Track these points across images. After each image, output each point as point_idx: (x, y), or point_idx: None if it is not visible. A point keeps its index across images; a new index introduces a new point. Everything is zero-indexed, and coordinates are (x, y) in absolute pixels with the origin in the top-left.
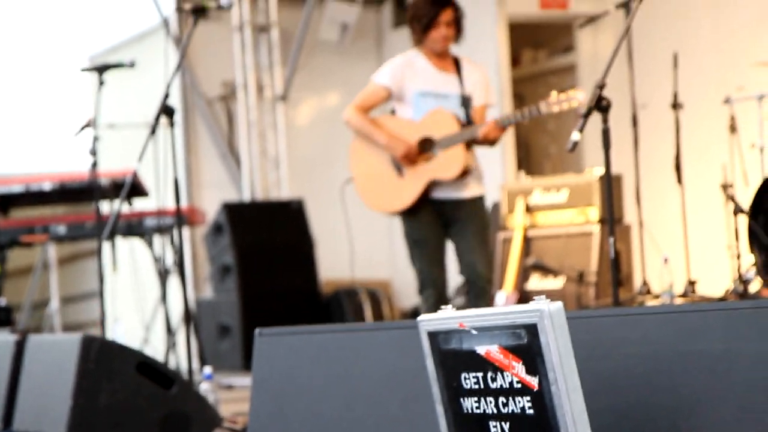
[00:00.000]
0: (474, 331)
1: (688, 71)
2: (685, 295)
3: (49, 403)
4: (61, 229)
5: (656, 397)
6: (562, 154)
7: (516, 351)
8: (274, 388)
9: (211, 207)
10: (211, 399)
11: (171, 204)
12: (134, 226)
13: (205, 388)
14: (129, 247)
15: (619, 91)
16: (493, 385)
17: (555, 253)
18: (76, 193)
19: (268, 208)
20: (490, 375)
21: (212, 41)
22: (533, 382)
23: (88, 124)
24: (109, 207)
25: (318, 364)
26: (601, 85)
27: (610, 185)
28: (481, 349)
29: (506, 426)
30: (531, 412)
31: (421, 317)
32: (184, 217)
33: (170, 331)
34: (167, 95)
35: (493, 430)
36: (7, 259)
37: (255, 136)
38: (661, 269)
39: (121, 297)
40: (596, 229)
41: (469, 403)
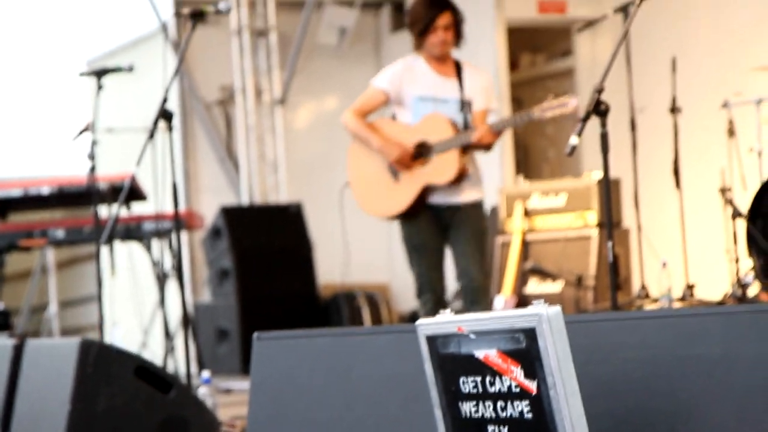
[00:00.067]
0: (472, 336)
1: (687, 75)
2: (684, 299)
3: (47, 408)
4: (60, 233)
5: (655, 401)
6: (561, 158)
7: (514, 355)
8: (273, 391)
9: (209, 211)
10: (210, 403)
11: (169, 208)
12: (133, 230)
13: (203, 392)
14: (127, 251)
15: (618, 95)
16: (492, 390)
17: (553, 257)
18: (74, 197)
19: (267, 212)
20: (488, 379)
21: (210, 45)
22: (532, 386)
23: (86, 129)
24: (108, 211)
25: (316, 367)
26: (599, 89)
27: (609, 189)
28: (480, 354)
29: (505, 430)
30: (529, 416)
31: (419, 321)
32: (182, 221)
33: (168, 335)
34: (165, 99)
35: None
36: (6, 263)
37: (253, 140)
38: (660, 273)
39: (120, 301)
40: (595, 233)
41: (468, 408)
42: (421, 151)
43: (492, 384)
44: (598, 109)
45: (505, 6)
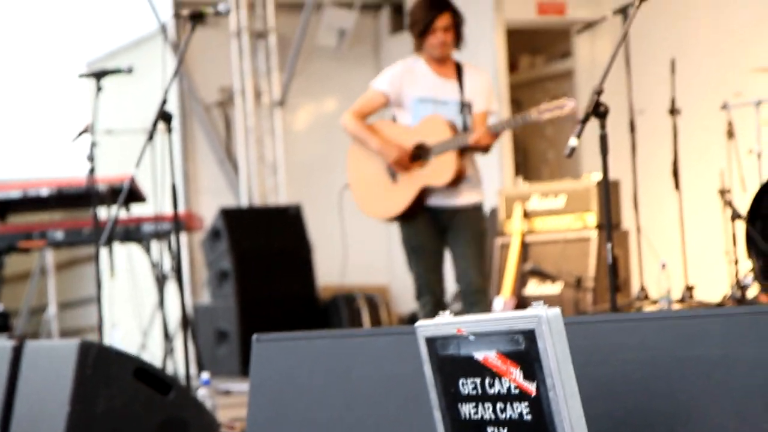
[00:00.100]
0: (472, 337)
1: (686, 77)
2: (683, 300)
3: (47, 409)
4: (59, 235)
5: (654, 402)
6: (560, 160)
7: (514, 357)
8: (272, 393)
9: (208, 213)
10: (209, 405)
11: (169, 210)
12: (132, 232)
13: (202, 393)
14: (127, 253)
15: (617, 97)
16: (491, 391)
17: (553, 259)
18: (73, 199)
19: (266, 213)
20: (487, 381)
21: (210, 47)
22: (531, 387)
23: (85, 130)
24: (107, 213)
25: (316, 369)
26: (598, 91)
27: (608, 191)
28: (479, 355)
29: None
30: (529, 417)
31: (418, 323)
32: (181, 223)
33: (168, 337)
34: (165, 101)
35: None
36: (5, 265)
37: (252, 141)
38: (659, 275)
39: (119, 303)
40: (594, 235)
41: (467, 409)
42: (420, 153)
43: (491, 385)
44: (598, 111)
45: (504, 8)
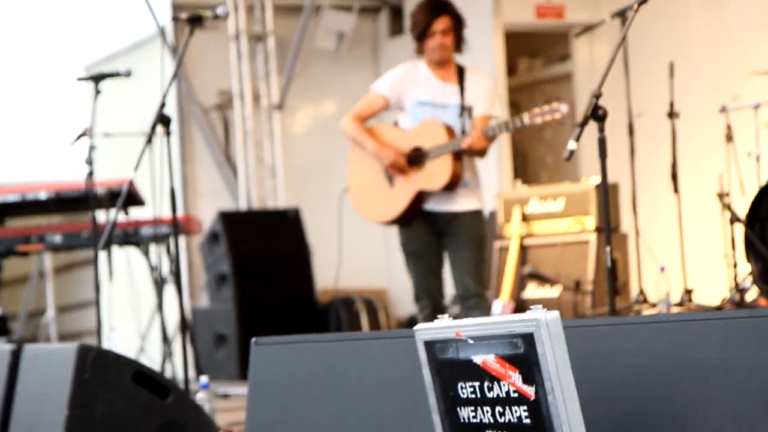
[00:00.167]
0: (470, 341)
1: (684, 80)
2: (682, 304)
3: (45, 413)
4: (57, 239)
5: (653, 406)
6: (559, 163)
7: (513, 360)
8: (271, 397)
9: (207, 216)
10: (208, 408)
11: (167, 213)
12: (130, 235)
13: (201, 397)
14: (125, 256)
15: (616, 100)
16: (490, 395)
17: (551, 262)
18: (72, 203)
19: (265, 216)
20: (486, 384)
21: (208, 50)
22: (530, 391)
23: (84, 134)
24: (106, 216)
25: (314, 373)
26: (597, 94)
27: (607, 194)
28: (478, 359)
29: None
30: (528, 421)
31: (417, 326)
32: (180, 226)
33: (166, 341)
34: (163, 104)
35: None
36: (3, 268)
37: (251, 144)
38: (658, 278)
39: (117, 306)
40: (593, 238)
41: (466, 413)
42: (416, 157)
43: (490, 389)
44: (596, 114)
45: (502, 11)
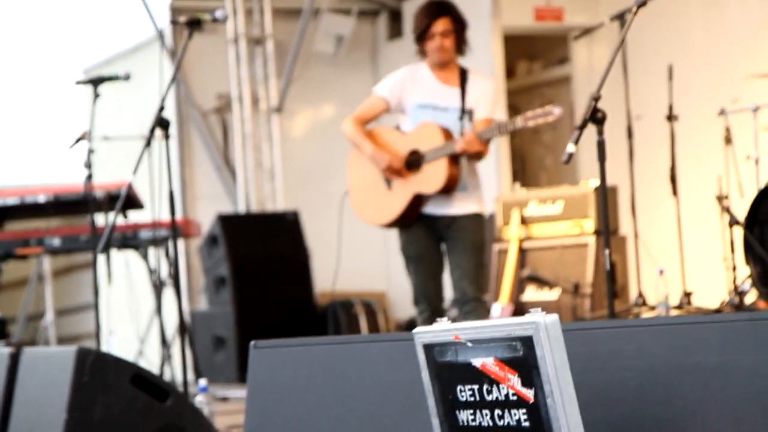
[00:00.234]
0: (469, 344)
1: (683, 83)
2: (681, 306)
3: (44, 416)
4: (56, 242)
5: (652, 409)
6: (558, 166)
7: (512, 363)
8: (270, 400)
9: (206, 219)
10: (206, 411)
11: (166, 216)
12: (129, 239)
13: (200, 400)
14: (124, 260)
15: (615, 103)
16: (489, 398)
17: (550, 265)
18: (71, 206)
19: (264, 219)
20: (485, 387)
21: (207, 53)
22: (529, 394)
23: (83, 137)
24: (104, 219)
25: (313, 376)
26: (596, 97)
27: (606, 197)
28: (477, 362)
29: None
30: (527, 424)
31: (416, 329)
32: (179, 229)
33: (165, 344)
34: (162, 107)
35: None
36: (2, 272)
37: (250, 148)
38: (657, 281)
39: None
40: (591, 241)
41: (465, 416)
42: (414, 160)
43: (489, 392)
44: (595, 117)
45: (501, 14)
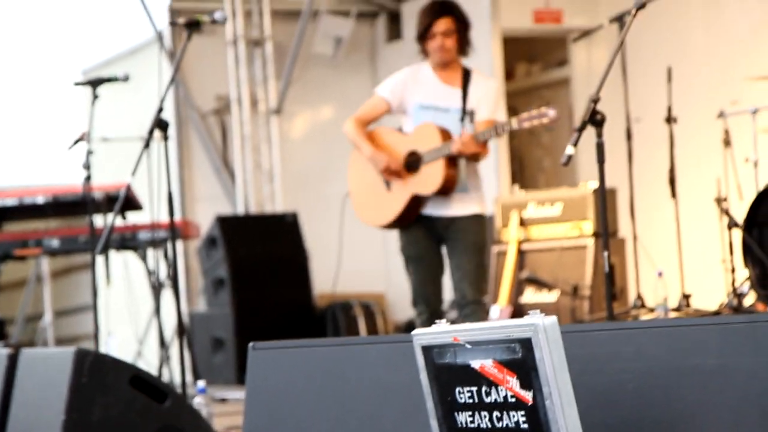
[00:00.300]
0: (468, 346)
1: (682, 85)
2: (680, 308)
3: (42, 418)
4: (55, 243)
5: (650, 411)
6: (557, 168)
7: (510, 365)
8: (268, 401)
9: (204, 220)
10: (205, 413)
11: (165, 217)
12: (128, 240)
13: (198, 401)
14: (122, 261)
15: (614, 105)
16: (488, 400)
17: (549, 267)
18: (69, 207)
19: (262, 221)
20: (484, 389)
21: (206, 55)
22: (528, 396)
23: (81, 138)
24: (103, 220)
25: (312, 377)
26: (595, 99)
27: (605, 199)
28: (476, 364)
29: None
30: (525, 426)
31: (415, 331)
32: (177, 231)
33: (164, 345)
34: (161, 109)
35: None
36: (1, 273)
37: (249, 149)
38: (656, 283)
39: (115, 310)
40: (590, 243)
41: (464, 418)
42: (413, 161)
43: (488, 394)
44: (594, 119)
45: (500, 16)
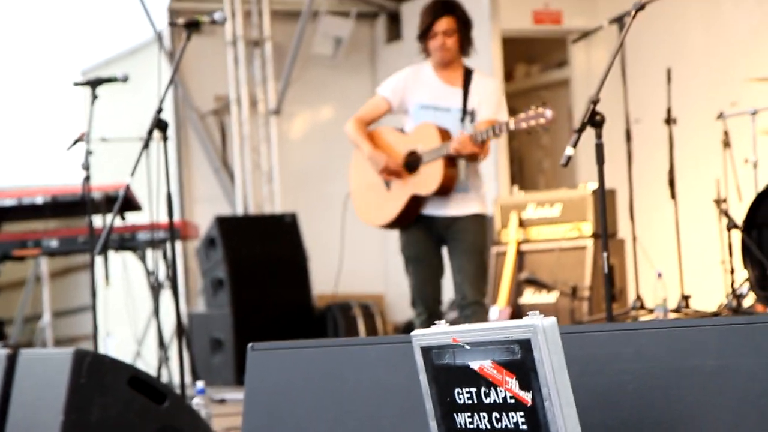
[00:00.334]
0: (467, 346)
1: (682, 86)
2: (679, 310)
3: (41, 418)
4: (54, 243)
5: (650, 412)
6: (556, 169)
7: (509, 366)
8: (267, 402)
9: (204, 221)
10: (204, 413)
11: (164, 218)
12: (127, 240)
13: (197, 402)
14: (122, 261)
15: (613, 106)
16: (487, 401)
17: (548, 268)
18: (68, 207)
19: (261, 221)
20: (483, 390)
21: (205, 55)
22: (527, 397)
23: (80, 138)
24: (102, 221)
25: (311, 378)
26: (594, 100)
27: (604, 200)
28: (475, 365)
29: None
30: (524, 427)
31: (414, 332)
32: (177, 231)
33: (162, 345)
34: (160, 109)
35: None
36: (0, 273)
37: (248, 150)
38: (655, 284)
39: (114, 311)
40: (590, 244)
41: (463, 419)
42: (412, 161)
43: (487, 395)
44: (594, 120)
45: (500, 17)
